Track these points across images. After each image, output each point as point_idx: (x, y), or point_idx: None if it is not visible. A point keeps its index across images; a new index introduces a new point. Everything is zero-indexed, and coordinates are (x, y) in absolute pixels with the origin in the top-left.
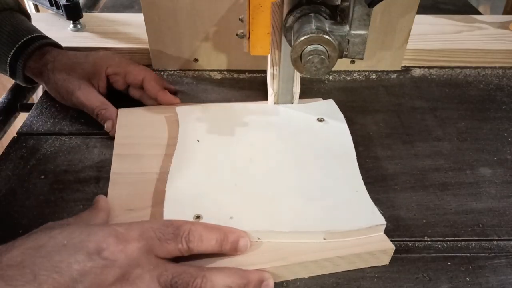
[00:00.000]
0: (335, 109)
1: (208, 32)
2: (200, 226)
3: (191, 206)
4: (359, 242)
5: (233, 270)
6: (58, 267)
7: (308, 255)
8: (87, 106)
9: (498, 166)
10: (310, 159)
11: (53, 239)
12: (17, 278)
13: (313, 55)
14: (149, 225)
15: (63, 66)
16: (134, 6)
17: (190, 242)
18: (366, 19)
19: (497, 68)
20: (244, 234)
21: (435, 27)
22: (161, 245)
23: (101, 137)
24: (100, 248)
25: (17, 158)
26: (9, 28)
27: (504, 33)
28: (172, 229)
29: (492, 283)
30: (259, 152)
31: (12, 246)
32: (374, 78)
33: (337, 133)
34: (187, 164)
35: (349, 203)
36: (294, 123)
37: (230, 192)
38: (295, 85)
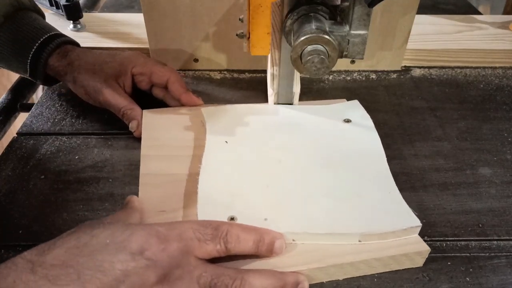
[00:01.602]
0: (360, 110)
1: (208, 32)
2: (238, 227)
3: (225, 208)
4: (394, 244)
5: (270, 272)
6: (101, 267)
7: (345, 257)
8: (113, 106)
9: (498, 166)
10: (339, 160)
11: (96, 238)
12: (61, 277)
13: (313, 55)
14: (189, 225)
15: (89, 65)
16: (134, 6)
17: (228, 243)
18: (366, 19)
19: (497, 68)
20: (280, 235)
21: (435, 27)
22: (200, 245)
23: (101, 137)
24: (143, 248)
25: (17, 158)
26: (27, 27)
27: (504, 33)
28: (211, 230)
29: (492, 283)
30: (287, 153)
31: (54, 245)
32: (374, 78)
33: (365, 134)
34: (217, 166)
35: (383, 205)
36: (320, 124)
37: (262, 194)
38: (295, 85)
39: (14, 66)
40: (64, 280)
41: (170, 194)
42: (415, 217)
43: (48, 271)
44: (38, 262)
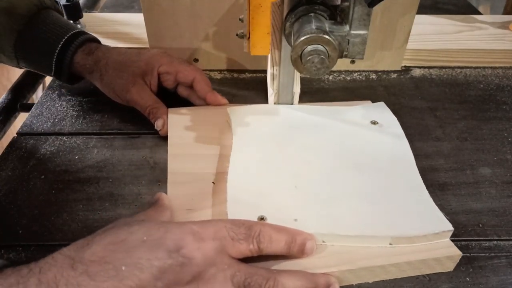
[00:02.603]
0: (387, 112)
1: (208, 32)
2: (270, 228)
3: (254, 207)
4: (425, 248)
5: (302, 273)
6: (139, 264)
7: (376, 260)
8: (140, 104)
9: (498, 166)
10: (368, 162)
11: (133, 235)
12: (100, 274)
13: (313, 55)
14: (222, 224)
15: (116, 64)
16: (134, 6)
17: (261, 243)
18: (366, 19)
19: (497, 68)
20: (311, 236)
21: (435, 27)
22: (234, 244)
23: (101, 137)
24: (179, 246)
25: (17, 158)
26: (51, 26)
27: (504, 33)
28: (244, 229)
29: (492, 283)
30: (314, 154)
31: (92, 241)
32: (374, 78)
33: (393, 136)
34: (245, 165)
35: (414, 208)
36: (347, 125)
37: (291, 194)
38: (295, 85)
39: (38, 65)
40: (103, 276)
41: (198, 193)
42: (447, 221)
43: (88, 267)
44: (77, 258)
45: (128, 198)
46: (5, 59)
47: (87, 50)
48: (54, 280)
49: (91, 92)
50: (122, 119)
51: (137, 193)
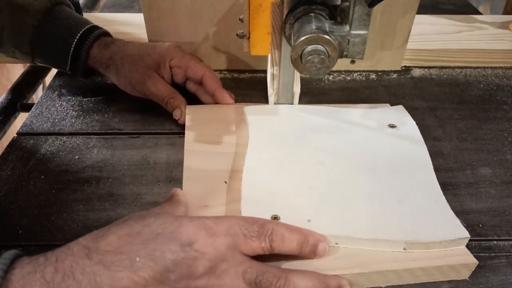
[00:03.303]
0: (406, 115)
1: (208, 32)
2: (283, 227)
3: (268, 206)
4: (440, 254)
5: (313, 274)
6: (153, 255)
7: (389, 264)
8: (156, 95)
9: (498, 166)
10: (384, 165)
11: (148, 227)
12: (115, 263)
13: (313, 55)
14: (235, 220)
15: (131, 57)
16: (134, 6)
17: (273, 242)
18: (366, 19)
19: (497, 68)
20: (324, 238)
21: (435, 27)
22: (246, 241)
23: (101, 137)
24: (192, 240)
25: (17, 158)
26: (66, 21)
27: (504, 33)
28: (257, 227)
29: (492, 283)
30: (330, 155)
31: (108, 231)
32: (374, 78)
33: (411, 140)
34: (260, 164)
35: (430, 214)
36: (364, 127)
37: (305, 195)
38: (295, 85)
39: (53, 60)
40: (118, 266)
41: (213, 190)
42: (463, 228)
43: (103, 257)
44: (93, 248)
45: (128, 198)
46: (20, 55)
47: (102, 44)
48: (70, 268)
49: (91, 92)
50: (122, 119)
51: (137, 193)
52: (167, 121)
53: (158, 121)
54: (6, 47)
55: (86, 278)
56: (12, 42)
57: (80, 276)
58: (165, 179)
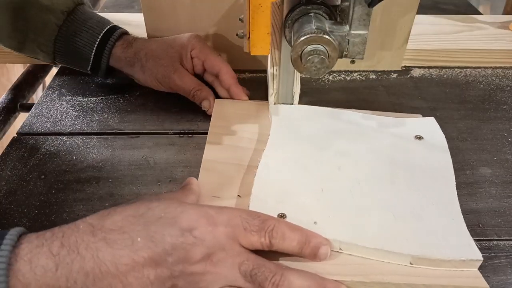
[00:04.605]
0: (435, 128)
1: (208, 32)
2: (284, 225)
3: (276, 204)
4: (448, 273)
5: (311, 275)
6: (153, 237)
7: (392, 277)
8: (183, 89)
9: (498, 166)
10: (404, 177)
11: (151, 211)
12: (117, 242)
13: (313, 55)
14: (238, 212)
15: (155, 52)
16: (134, 6)
17: (272, 238)
18: (366, 19)
19: (497, 68)
20: (326, 242)
21: (435, 27)
22: (246, 234)
23: (101, 137)
24: (192, 227)
25: (17, 158)
26: (88, 21)
27: (504, 33)
28: (258, 221)
29: (492, 283)
30: (348, 161)
31: (114, 211)
32: (374, 78)
33: (436, 154)
34: (276, 162)
35: (444, 231)
36: (389, 136)
37: (316, 197)
38: (295, 85)
39: (75, 60)
40: (120, 245)
41: (226, 182)
42: (477, 250)
43: (106, 235)
44: (98, 226)
45: (128, 198)
46: (42, 55)
47: (125, 43)
48: (75, 243)
49: (91, 92)
50: (122, 119)
51: (137, 193)
52: (167, 121)
53: (158, 121)
54: (28, 48)
55: (89, 253)
56: (36, 42)
57: (84, 251)
58: (165, 179)
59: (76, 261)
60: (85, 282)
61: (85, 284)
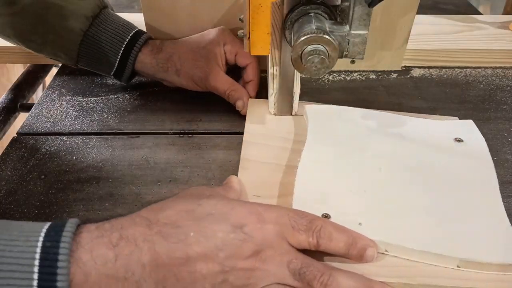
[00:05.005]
0: (474, 130)
1: None
2: (331, 225)
3: (319, 204)
4: (495, 277)
5: (359, 276)
6: (205, 232)
7: (438, 280)
8: (218, 89)
9: (498, 166)
10: (446, 179)
11: (201, 207)
12: (172, 235)
13: (313, 55)
14: (285, 211)
15: (188, 54)
16: (134, 6)
17: (320, 238)
18: (366, 19)
19: (497, 68)
20: (373, 243)
21: (435, 27)
22: (293, 233)
23: (101, 137)
24: (242, 223)
25: (17, 158)
26: (113, 25)
27: (504, 33)
28: (306, 221)
29: None
30: (389, 162)
31: (166, 206)
32: (374, 78)
33: (477, 157)
34: (316, 162)
35: (491, 234)
36: (429, 139)
37: (359, 198)
38: (295, 85)
39: (99, 64)
40: (174, 238)
41: (266, 181)
42: None
43: (162, 228)
44: (153, 220)
45: (128, 198)
46: (64, 57)
47: (154, 48)
48: (133, 236)
49: (91, 92)
50: (122, 119)
51: (137, 193)
52: (167, 121)
53: (158, 121)
54: (50, 50)
55: (146, 246)
56: (59, 45)
57: (141, 244)
58: (165, 179)
59: (134, 253)
60: (142, 274)
61: (142, 276)
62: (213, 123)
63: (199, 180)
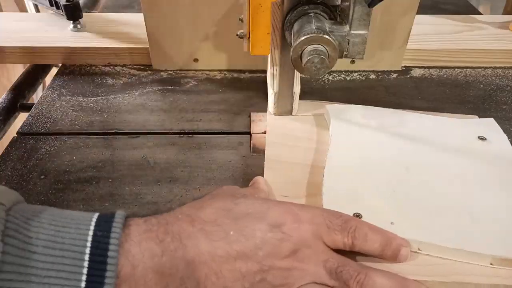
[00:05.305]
0: (496, 128)
1: (208, 32)
2: (366, 226)
3: (350, 204)
4: None
5: (393, 275)
6: (244, 231)
7: (472, 277)
8: None
9: None
10: (473, 177)
11: (238, 206)
12: (213, 233)
13: (313, 55)
14: (320, 211)
15: None
16: (134, 6)
17: (355, 239)
18: (366, 19)
19: (497, 68)
20: (407, 243)
21: (435, 27)
22: (329, 233)
23: (101, 137)
24: (279, 223)
25: (17, 158)
26: None
27: (504, 33)
28: (341, 221)
29: None
30: (415, 161)
31: (205, 203)
32: (374, 78)
33: (502, 155)
34: (342, 162)
35: None
36: (452, 137)
37: (389, 197)
38: (295, 85)
39: None
40: (216, 236)
41: (293, 181)
42: None
43: (204, 226)
44: (195, 217)
45: (128, 198)
46: None
47: None
48: (178, 232)
49: (91, 92)
50: (122, 119)
51: (137, 193)
52: (167, 121)
53: (158, 121)
54: None
55: (190, 243)
56: None
57: (186, 240)
58: (165, 179)
59: (179, 249)
60: (185, 271)
61: (185, 272)
62: (213, 123)
63: (199, 180)
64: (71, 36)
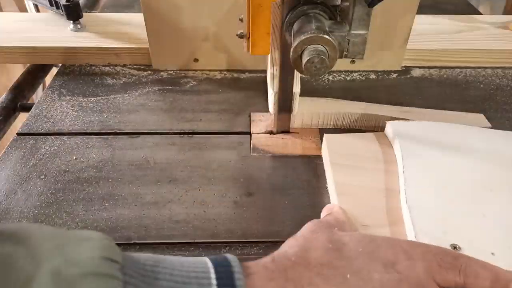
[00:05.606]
0: None
1: (208, 32)
2: (476, 262)
3: (444, 234)
4: None
5: None
6: (360, 273)
7: None
8: None
9: None
10: None
11: (346, 246)
12: (331, 277)
13: (313, 55)
14: (428, 247)
15: None
16: (134, 6)
17: (466, 277)
18: (366, 19)
19: (497, 68)
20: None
21: (435, 27)
22: (440, 271)
23: (101, 137)
24: (393, 261)
25: (17, 158)
26: None
27: (504, 33)
28: (451, 258)
29: None
30: (496, 181)
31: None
32: (374, 78)
33: None
34: (421, 186)
35: None
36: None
37: (481, 223)
38: (295, 85)
39: None
40: (334, 281)
41: (370, 208)
42: None
43: (321, 270)
44: (308, 260)
45: (128, 198)
46: None
47: None
48: (299, 279)
49: (91, 92)
50: (122, 119)
51: (137, 193)
52: (167, 121)
53: (158, 121)
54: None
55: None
56: None
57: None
58: (165, 179)
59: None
60: None
61: None
62: (213, 123)
63: (199, 180)
64: (71, 36)
